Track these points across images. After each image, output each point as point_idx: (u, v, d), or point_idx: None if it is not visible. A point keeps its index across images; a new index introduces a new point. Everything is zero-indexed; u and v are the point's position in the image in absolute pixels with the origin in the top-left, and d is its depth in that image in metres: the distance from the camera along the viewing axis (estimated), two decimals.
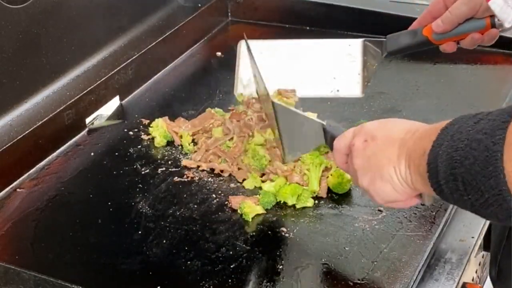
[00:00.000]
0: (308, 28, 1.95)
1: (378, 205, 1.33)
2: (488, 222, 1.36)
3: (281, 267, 1.21)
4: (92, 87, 1.60)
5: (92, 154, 1.52)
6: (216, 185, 1.41)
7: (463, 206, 0.97)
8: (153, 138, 1.54)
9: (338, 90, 1.50)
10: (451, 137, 0.96)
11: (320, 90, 1.50)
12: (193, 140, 1.52)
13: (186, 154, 1.50)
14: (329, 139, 1.22)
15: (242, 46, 1.58)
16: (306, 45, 1.54)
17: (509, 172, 0.87)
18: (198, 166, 1.45)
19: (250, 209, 1.31)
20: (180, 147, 1.52)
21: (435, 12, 1.36)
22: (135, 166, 1.47)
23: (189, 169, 1.45)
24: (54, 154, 1.51)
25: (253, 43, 1.52)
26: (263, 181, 1.39)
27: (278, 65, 1.54)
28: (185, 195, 1.38)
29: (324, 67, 1.51)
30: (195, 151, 1.49)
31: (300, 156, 1.36)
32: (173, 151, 1.51)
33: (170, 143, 1.53)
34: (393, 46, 1.41)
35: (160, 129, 1.53)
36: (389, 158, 1.06)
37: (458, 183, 0.94)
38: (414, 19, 1.86)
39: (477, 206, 0.93)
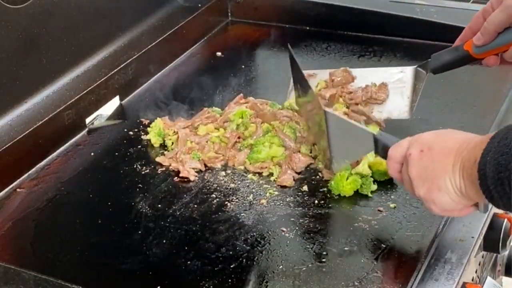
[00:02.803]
0: (308, 28, 1.95)
1: (378, 205, 1.33)
2: (488, 222, 1.36)
3: (281, 267, 1.21)
4: (92, 87, 1.60)
5: (92, 154, 1.52)
6: (216, 185, 1.41)
7: None
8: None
9: (382, 112, 1.52)
10: (498, 143, 1.00)
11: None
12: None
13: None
14: (381, 148, 1.25)
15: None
16: (358, 74, 1.56)
17: None
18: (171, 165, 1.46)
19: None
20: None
21: (475, 27, 1.35)
22: (135, 166, 1.47)
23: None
24: (54, 154, 1.51)
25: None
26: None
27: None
28: (185, 195, 1.38)
29: None
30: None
31: (347, 164, 1.37)
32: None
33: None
34: (436, 63, 1.41)
35: (156, 129, 1.53)
36: (445, 169, 1.10)
37: (505, 187, 0.98)
38: (414, 19, 1.88)
39: None
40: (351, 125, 1.32)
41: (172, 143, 1.52)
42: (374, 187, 1.37)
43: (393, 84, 1.52)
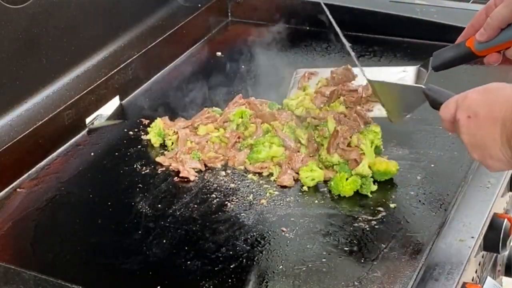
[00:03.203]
0: (308, 28, 1.95)
1: (378, 205, 1.33)
2: (488, 222, 1.36)
3: (281, 267, 1.21)
4: (92, 87, 1.60)
5: (92, 154, 1.52)
6: (216, 185, 1.41)
7: None
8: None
9: (381, 110, 1.51)
10: None
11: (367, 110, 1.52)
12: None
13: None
14: (432, 102, 1.27)
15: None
16: (360, 73, 1.55)
17: None
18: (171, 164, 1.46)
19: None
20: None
21: (478, 24, 1.35)
22: (135, 166, 1.47)
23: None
24: (54, 154, 1.51)
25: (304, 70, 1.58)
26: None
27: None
28: (185, 195, 1.38)
29: None
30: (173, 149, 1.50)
31: (406, 116, 1.39)
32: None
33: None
34: (438, 60, 1.41)
35: (156, 129, 1.53)
36: (494, 139, 1.11)
37: None
38: (414, 19, 1.88)
39: None
40: (397, 85, 1.35)
41: (172, 143, 1.52)
42: (374, 187, 1.37)
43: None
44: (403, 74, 1.52)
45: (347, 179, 1.35)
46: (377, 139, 1.42)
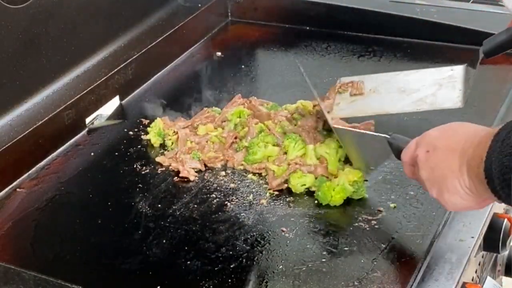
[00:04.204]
0: (308, 28, 1.95)
1: (378, 205, 1.33)
2: (488, 222, 1.36)
3: (281, 267, 1.21)
4: (92, 87, 1.60)
5: (92, 154, 1.52)
6: (216, 185, 1.41)
7: None
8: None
9: (433, 104, 1.50)
10: (502, 143, 0.98)
11: (417, 105, 1.50)
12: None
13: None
14: (395, 151, 1.26)
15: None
16: (402, 75, 1.54)
17: None
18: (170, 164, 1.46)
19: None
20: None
21: None
22: (135, 166, 1.47)
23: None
24: (54, 154, 1.51)
25: (350, 78, 1.57)
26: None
27: (376, 92, 1.55)
28: (185, 195, 1.38)
29: (423, 89, 1.51)
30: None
31: (371, 170, 1.39)
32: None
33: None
34: (489, 46, 1.39)
35: (156, 129, 1.53)
36: (452, 170, 1.08)
37: (511, 188, 0.96)
38: (414, 19, 1.88)
39: None
40: (363, 134, 1.33)
41: (172, 143, 1.52)
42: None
43: (444, 80, 1.50)
44: (451, 73, 1.51)
45: (334, 189, 1.34)
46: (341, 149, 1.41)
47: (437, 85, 1.50)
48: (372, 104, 1.52)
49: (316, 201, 1.36)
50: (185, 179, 1.42)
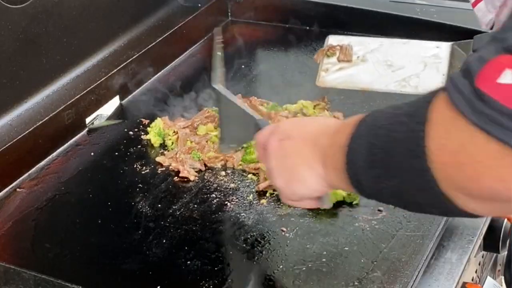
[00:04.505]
0: (308, 28, 1.95)
1: (378, 205, 1.33)
2: (488, 222, 1.36)
3: (281, 267, 1.21)
4: (92, 87, 1.60)
5: (92, 154, 1.52)
6: (216, 185, 1.41)
7: (383, 198, 0.96)
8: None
9: (417, 87, 1.49)
10: (372, 125, 0.94)
11: (401, 86, 1.49)
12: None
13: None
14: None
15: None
16: (391, 43, 1.53)
17: (434, 150, 0.83)
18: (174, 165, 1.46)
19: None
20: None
21: None
22: (135, 166, 1.47)
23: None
24: (54, 154, 1.51)
25: (339, 37, 1.54)
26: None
27: (363, 60, 1.54)
28: (185, 195, 1.39)
29: (409, 66, 1.50)
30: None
31: (235, 149, 1.35)
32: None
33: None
34: (480, 44, 1.39)
35: (156, 129, 1.53)
36: (304, 158, 1.06)
37: (377, 170, 0.92)
38: (414, 19, 1.87)
39: (396, 192, 0.91)
40: (240, 108, 1.27)
41: (172, 143, 1.52)
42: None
43: (429, 59, 1.49)
44: (436, 51, 1.50)
45: None
46: None
47: (422, 64, 1.49)
48: (359, 77, 1.51)
49: None
50: (185, 179, 1.42)
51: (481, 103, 0.76)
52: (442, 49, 1.49)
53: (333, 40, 1.55)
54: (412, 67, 1.50)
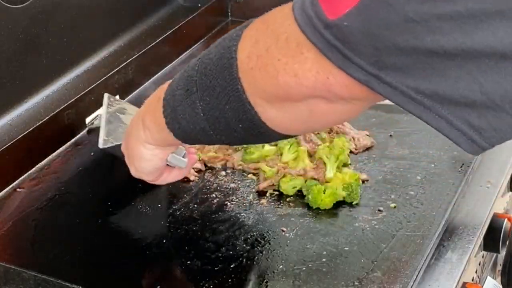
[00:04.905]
0: None
1: (378, 205, 1.33)
2: (488, 222, 1.36)
3: (281, 267, 1.21)
4: (92, 87, 1.60)
5: (92, 154, 1.52)
6: (216, 185, 1.41)
7: (199, 126, 1.00)
8: None
9: None
10: (190, 64, 1.01)
11: None
12: None
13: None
14: None
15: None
16: None
17: (243, 59, 0.91)
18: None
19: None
20: None
21: None
22: None
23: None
24: (54, 154, 1.51)
25: None
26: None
27: None
28: (185, 195, 1.38)
29: None
30: None
31: (114, 144, 1.35)
32: None
33: None
34: None
35: None
36: (132, 135, 1.13)
37: (192, 96, 0.97)
38: None
39: (209, 115, 0.96)
40: (126, 105, 1.36)
41: None
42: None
43: None
44: None
45: (324, 191, 1.33)
46: (342, 155, 1.40)
47: None
48: None
49: None
50: (185, 179, 1.42)
51: (309, 3, 0.82)
52: None
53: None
54: None
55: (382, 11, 0.76)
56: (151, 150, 1.13)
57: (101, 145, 1.33)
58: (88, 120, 1.59)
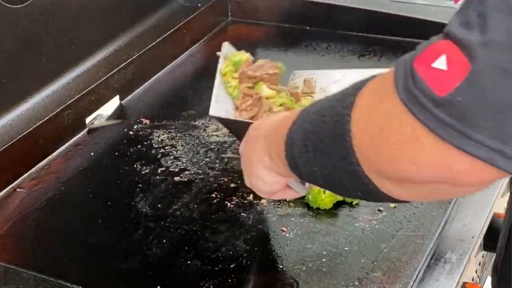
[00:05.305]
0: (308, 28, 1.95)
1: (378, 205, 1.33)
2: (488, 222, 1.36)
3: (281, 267, 1.21)
4: (92, 87, 1.60)
5: (92, 154, 1.52)
6: (216, 185, 1.41)
7: (316, 181, 0.98)
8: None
9: None
10: (308, 112, 0.96)
11: None
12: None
13: (185, 154, 1.50)
14: None
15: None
16: (356, 73, 1.52)
17: (356, 134, 0.86)
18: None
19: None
20: (180, 146, 1.52)
21: None
22: (135, 166, 1.47)
23: (188, 169, 1.45)
24: (54, 154, 1.51)
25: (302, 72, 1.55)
26: None
27: (326, 91, 1.53)
28: (185, 195, 1.38)
29: None
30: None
31: (222, 117, 1.39)
32: (173, 150, 1.51)
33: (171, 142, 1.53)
34: None
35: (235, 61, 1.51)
36: (256, 154, 1.10)
37: (309, 153, 0.94)
38: (414, 19, 1.87)
39: (326, 175, 0.93)
40: (237, 122, 1.35)
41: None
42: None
43: None
44: None
45: (324, 191, 1.32)
46: None
47: None
48: None
49: None
50: (185, 179, 1.42)
51: (411, 81, 0.77)
52: None
53: (298, 74, 1.56)
54: None
55: (497, 78, 0.71)
56: (274, 177, 1.10)
57: (212, 112, 1.35)
58: (88, 120, 1.59)
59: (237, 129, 1.36)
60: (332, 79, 1.55)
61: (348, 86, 0.90)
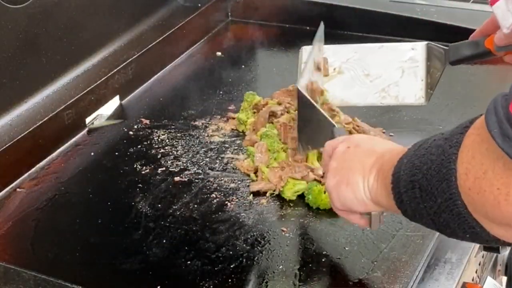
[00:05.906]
0: (308, 28, 1.95)
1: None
2: None
3: (281, 267, 1.21)
4: (92, 87, 1.60)
5: (92, 154, 1.52)
6: (216, 185, 1.41)
7: (422, 220, 0.98)
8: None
9: (397, 97, 1.49)
10: (418, 148, 0.97)
11: (381, 98, 1.49)
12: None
13: (183, 154, 1.50)
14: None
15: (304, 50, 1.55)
16: (366, 50, 1.52)
17: (461, 175, 0.86)
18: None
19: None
20: (180, 146, 1.52)
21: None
22: (135, 166, 1.47)
23: (188, 169, 1.45)
24: (54, 154, 1.51)
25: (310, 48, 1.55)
26: None
27: (340, 72, 1.53)
28: (185, 195, 1.38)
29: (386, 74, 1.49)
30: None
31: (310, 150, 1.37)
32: (173, 150, 1.51)
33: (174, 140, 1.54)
34: (455, 56, 1.37)
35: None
36: (363, 166, 1.09)
37: (415, 190, 0.95)
38: (414, 19, 1.88)
39: (432, 215, 0.93)
40: (318, 112, 1.31)
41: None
42: None
43: (405, 63, 1.48)
44: (412, 53, 1.49)
45: (325, 192, 1.32)
46: None
47: (399, 70, 1.48)
48: (337, 92, 1.50)
49: None
50: (186, 179, 1.42)
51: (509, 127, 0.77)
52: (417, 50, 1.47)
53: (305, 51, 1.55)
54: (390, 74, 1.48)
55: None
56: (366, 198, 1.09)
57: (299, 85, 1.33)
58: (88, 120, 1.59)
59: (311, 119, 1.33)
60: (344, 57, 1.54)
61: (458, 125, 0.90)
